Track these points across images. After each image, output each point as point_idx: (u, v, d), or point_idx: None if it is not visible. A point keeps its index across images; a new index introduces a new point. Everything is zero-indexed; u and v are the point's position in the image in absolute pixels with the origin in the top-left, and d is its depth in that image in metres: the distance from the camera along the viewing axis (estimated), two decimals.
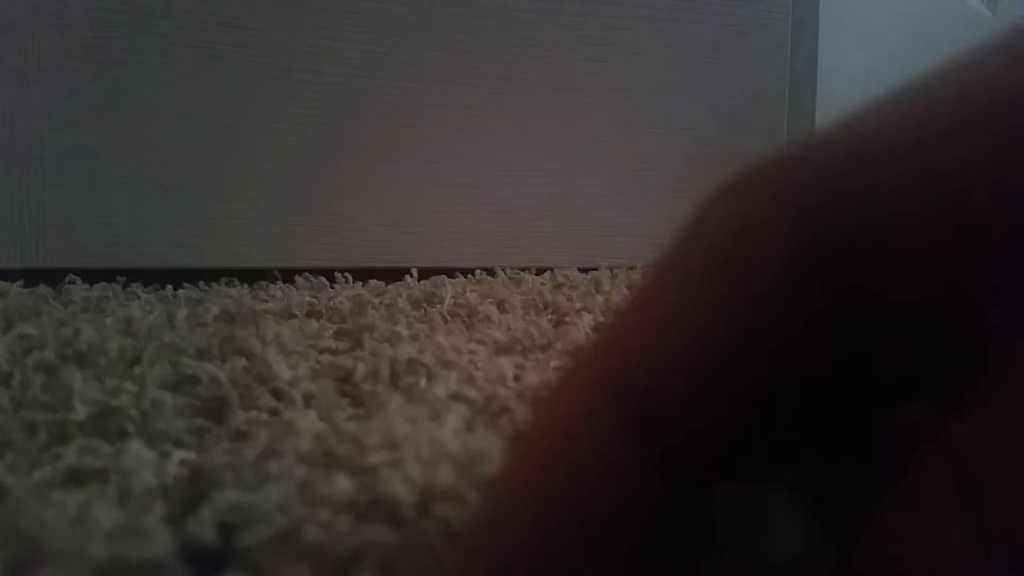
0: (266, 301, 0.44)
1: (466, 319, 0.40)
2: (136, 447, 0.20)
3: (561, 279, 0.53)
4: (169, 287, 0.48)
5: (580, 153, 0.64)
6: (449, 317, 0.40)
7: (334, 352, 0.32)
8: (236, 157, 0.56)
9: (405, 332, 0.35)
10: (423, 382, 0.27)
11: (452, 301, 0.43)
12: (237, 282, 0.51)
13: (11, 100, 0.52)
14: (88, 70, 0.53)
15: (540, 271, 0.57)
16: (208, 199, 0.56)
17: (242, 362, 0.29)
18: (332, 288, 0.49)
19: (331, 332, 0.36)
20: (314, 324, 0.38)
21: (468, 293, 0.45)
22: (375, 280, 0.52)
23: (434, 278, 0.51)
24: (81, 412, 0.23)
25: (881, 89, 0.12)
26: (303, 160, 0.57)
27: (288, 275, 0.53)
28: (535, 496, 0.12)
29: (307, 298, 0.44)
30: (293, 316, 0.40)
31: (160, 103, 0.54)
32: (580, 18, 0.62)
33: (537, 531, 0.12)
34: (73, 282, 0.47)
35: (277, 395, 0.26)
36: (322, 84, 0.57)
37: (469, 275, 0.55)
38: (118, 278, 0.49)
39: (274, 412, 0.24)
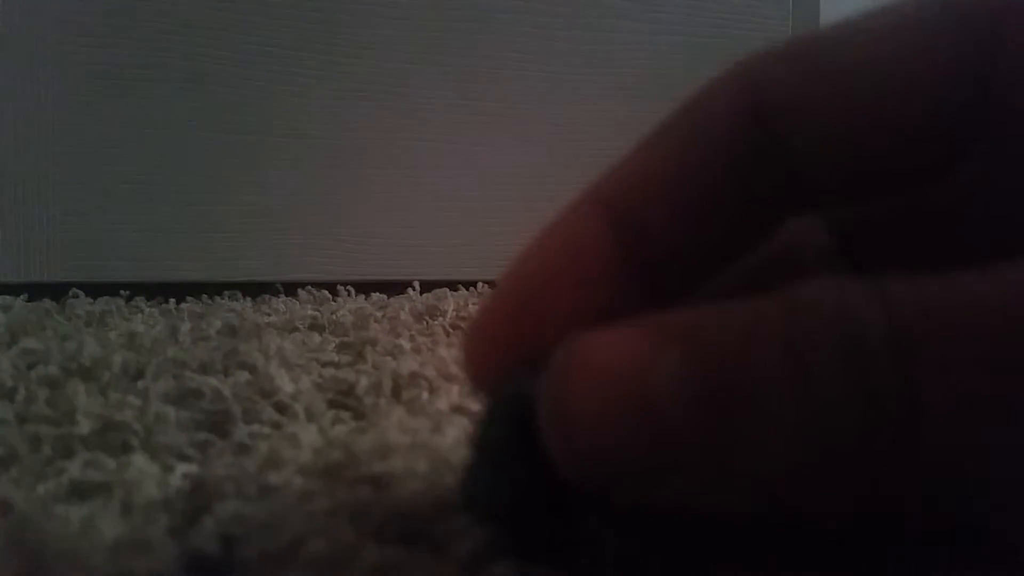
0: (269, 315, 0.44)
1: None
2: (139, 460, 0.20)
3: None
4: (172, 301, 0.48)
5: (583, 164, 0.64)
6: (451, 330, 0.40)
7: (336, 365, 0.32)
8: (237, 170, 0.56)
9: (407, 345, 0.35)
10: (425, 395, 0.27)
11: (454, 314, 0.43)
12: (240, 295, 0.51)
13: (15, 116, 0.52)
14: (91, 87, 0.53)
15: None
16: (210, 213, 0.56)
17: (245, 376, 0.29)
18: (334, 301, 0.50)
19: (333, 345, 0.36)
20: (316, 337, 0.38)
21: (470, 306, 0.46)
22: (377, 293, 0.52)
23: (436, 291, 0.51)
24: (85, 426, 0.23)
25: None
26: (305, 173, 0.58)
27: (290, 288, 0.53)
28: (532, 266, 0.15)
29: (309, 311, 0.44)
30: (296, 329, 0.40)
31: (161, 118, 0.55)
32: (581, 28, 0.63)
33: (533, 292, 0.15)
34: (76, 296, 0.47)
35: (280, 408, 0.26)
36: (323, 97, 0.58)
37: (471, 288, 0.55)
38: (121, 292, 0.49)
39: (276, 425, 0.24)
